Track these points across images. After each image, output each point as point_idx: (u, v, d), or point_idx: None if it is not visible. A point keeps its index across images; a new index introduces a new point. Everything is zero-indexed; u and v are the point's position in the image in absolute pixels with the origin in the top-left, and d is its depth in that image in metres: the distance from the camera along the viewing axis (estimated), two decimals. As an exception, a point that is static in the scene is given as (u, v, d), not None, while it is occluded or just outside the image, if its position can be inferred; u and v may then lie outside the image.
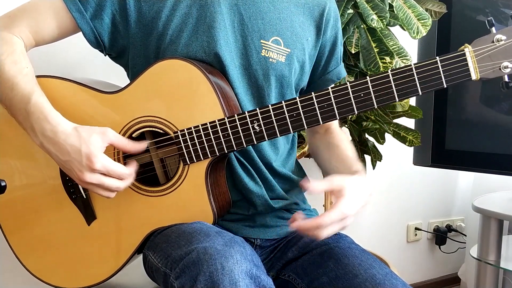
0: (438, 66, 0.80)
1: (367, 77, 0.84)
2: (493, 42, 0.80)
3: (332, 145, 1.09)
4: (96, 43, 1.00)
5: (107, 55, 1.05)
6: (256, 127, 0.89)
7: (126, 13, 0.97)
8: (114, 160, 0.90)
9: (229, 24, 0.98)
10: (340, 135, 1.12)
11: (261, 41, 0.98)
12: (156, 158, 0.97)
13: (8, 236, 1.02)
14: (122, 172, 0.88)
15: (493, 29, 0.80)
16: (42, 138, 0.88)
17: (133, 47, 0.99)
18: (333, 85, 0.90)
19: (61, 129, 0.87)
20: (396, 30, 1.48)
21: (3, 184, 0.84)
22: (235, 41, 0.98)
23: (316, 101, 0.86)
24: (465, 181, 2.30)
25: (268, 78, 0.99)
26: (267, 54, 0.99)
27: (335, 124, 1.14)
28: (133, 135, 0.94)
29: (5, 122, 1.00)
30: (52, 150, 0.87)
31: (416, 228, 2.27)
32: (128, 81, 1.04)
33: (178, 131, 0.92)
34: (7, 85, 0.90)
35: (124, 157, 0.96)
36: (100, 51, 1.03)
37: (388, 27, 1.45)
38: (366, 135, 1.58)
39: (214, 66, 0.97)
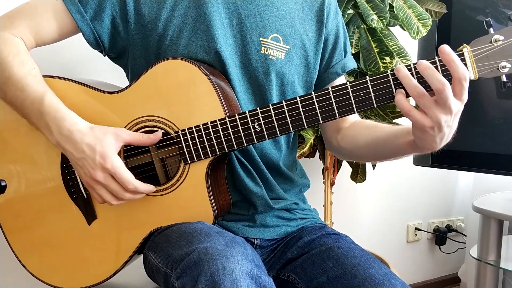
0: (437, 66, 0.80)
1: (367, 76, 0.84)
2: (491, 42, 0.80)
3: (372, 125, 1.05)
4: (96, 44, 1.00)
5: (106, 56, 1.05)
6: (257, 127, 0.89)
7: (126, 15, 0.97)
8: None
9: (227, 23, 0.98)
10: (367, 120, 1.09)
11: (260, 38, 0.99)
12: (157, 158, 0.97)
13: (8, 236, 1.02)
14: (127, 180, 0.88)
15: (491, 29, 0.81)
16: (58, 137, 0.89)
17: (133, 48, 0.99)
18: (333, 85, 0.90)
19: (78, 128, 0.88)
20: (396, 30, 1.48)
21: (3, 184, 0.84)
22: (234, 40, 0.98)
23: (316, 101, 0.87)
24: (465, 181, 2.30)
25: (268, 76, 0.99)
26: (266, 51, 0.99)
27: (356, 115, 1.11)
28: (134, 135, 0.94)
29: (4, 124, 1.00)
30: (68, 148, 0.89)
31: (416, 228, 2.27)
32: (128, 82, 1.04)
33: (179, 131, 0.92)
34: (17, 87, 0.91)
35: (125, 157, 0.96)
36: (99, 52, 1.03)
37: (388, 27, 1.45)
38: (366, 135, 1.58)
39: (215, 65, 0.97)
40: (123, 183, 0.88)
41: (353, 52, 1.41)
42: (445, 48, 0.78)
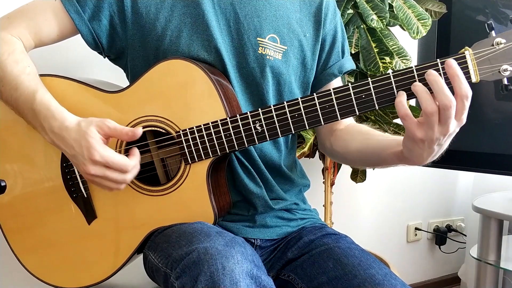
0: (439, 68, 0.80)
1: (369, 78, 0.84)
2: (493, 45, 0.80)
3: (366, 131, 1.04)
4: (95, 44, 1.00)
5: (106, 57, 1.05)
6: (258, 127, 0.89)
7: (124, 15, 0.97)
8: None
9: (224, 23, 0.98)
10: (361, 125, 1.09)
11: (258, 38, 0.99)
12: (157, 158, 0.97)
13: (8, 236, 1.02)
14: (123, 163, 0.87)
15: (493, 32, 0.81)
16: (52, 136, 0.88)
17: (131, 48, 0.99)
18: (335, 86, 0.90)
19: (66, 125, 0.87)
20: (396, 30, 1.48)
21: (3, 184, 0.84)
22: (231, 40, 0.98)
23: (318, 102, 0.87)
24: (465, 181, 2.30)
25: (265, 76, 0.99)
26: (264, 51, 0.99)
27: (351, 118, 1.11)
28: (135, 135, 0.94)
29: (3, 124, 1.00)
30: (62, 146, 0.88)
31: (416, 228, 2.27)
32: (128, 82, 1.04)
33: (180, 131, 0.92)
34: (11, 86, 0.91)
35: (126, 150, 0.96)
36: (99, 53, 1.04)
37: (388, 27, 1.45)
38: (366, 135, 1.57)
39: (215, 64, 0.97)
40: (120, 168, 0.87)
41: (353, 52, 1.41)
42: (451, 62, 0.78)
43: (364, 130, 1.05)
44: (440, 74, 0.80)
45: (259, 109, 0.89)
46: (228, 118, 0.90)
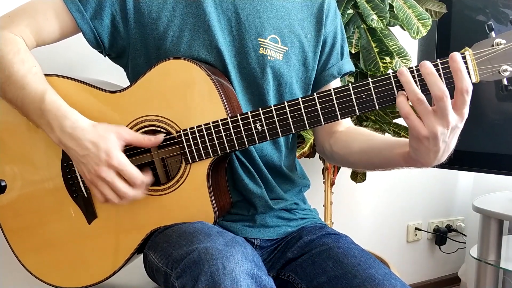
0: (439, 68, 0.80)
1: (369, 78, 0.84)
2: (492, 46, 0.80)
3: (367, 132, 1.05)
4: (96, 43, 1.00)
5: (106, 56, 1.05)
6: (259, 127, 0.89)
7: (126, 14, 0.97)
8: None
9: (225, 24, 0.98)
10: (362, 128, 1.10)
11: (259, 39, 0.99)
12: (157, 157, 0.97)
13: (8, 236, 1.02)
14: (135, 175, 0.89)
15: (493, 33, 0.81)
16: (60, 134, 0.88)
17: (133, 47, 0.99)
18: (335, 86, 0.90)
19: (80, 125, 0.88)
20: (396, 30, 1.49)
21: (3, 184, 0.84)
22: (233, 40, 0.99)
23: (318, 102, 0.87)
24: (465, 181, 2.31)
25: (266, 76, 0.99)
26: (265, 52, 0.99)
27: (350, 121, 1.13)
28: (135, 135, 0.94)
29: (3, 124, 1.00)
30: (71, 145, 0.88)
31: (416, 228, 2.27)
32: (129, 82, 1.04)
33: (181, 131, 0.92)
34: (17, 85, 0.91)
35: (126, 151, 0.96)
36: (99, 52, 1.03)
37: (388, 27, 1.46)
38: (366, 135, 1.58)
39: (216, 64, 0.97)
40: (131, 178, 0.88)
41: (353, 52, 1.41)
42: (456, 56, 0.79)
43: (365, 132, 1.05)
44: (440, 74, 0.80)
45: (260, 109, 0.89)
46: (228, 118, 0.90)
